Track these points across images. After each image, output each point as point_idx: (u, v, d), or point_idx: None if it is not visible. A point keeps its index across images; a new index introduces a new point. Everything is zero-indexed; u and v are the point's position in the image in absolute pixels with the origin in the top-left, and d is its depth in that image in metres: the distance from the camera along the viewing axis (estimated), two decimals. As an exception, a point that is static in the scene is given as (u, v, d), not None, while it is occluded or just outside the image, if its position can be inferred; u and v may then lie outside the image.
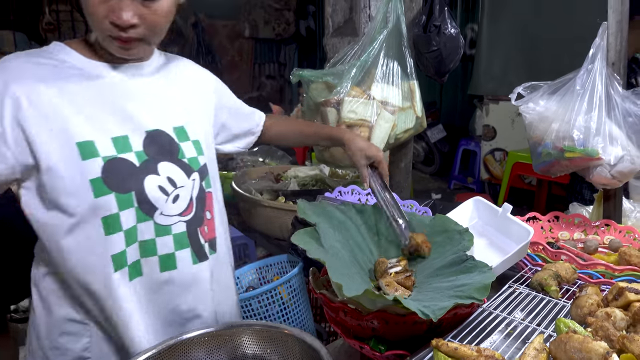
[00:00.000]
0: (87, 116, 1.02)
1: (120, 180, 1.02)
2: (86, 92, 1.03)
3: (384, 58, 1.85)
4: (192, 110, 1.18)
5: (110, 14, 0.95)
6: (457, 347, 0.89)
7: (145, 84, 1.11)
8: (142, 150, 1.05)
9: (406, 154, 2.18)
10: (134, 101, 1.08)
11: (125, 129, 1.05)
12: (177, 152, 1.11)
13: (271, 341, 1.03)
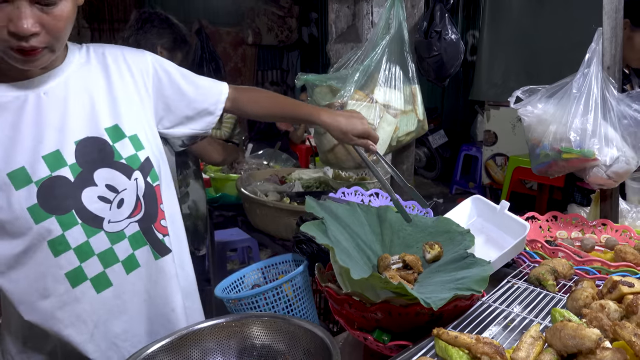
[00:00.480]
0: (10, 143, 0.98)
1: (57, 201, 1.00)
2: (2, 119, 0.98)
3: (386, 63, 1.90)
4: (123, 103, 1.11)
5: (9, 24, 0.88)
6: (457, 336, 0.93)
7: (63, 92, 1.04)
8: (75, 163, 1.02)
9: (408, 156, 2.23)
10: (54, 113, 1.02)
11: (55, 144, 1.01)
12: (112, 155, 1.07)
13: (279, 332, 1.07)
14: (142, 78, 1.17)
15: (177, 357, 1.01)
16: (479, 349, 0.87)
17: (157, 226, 1.14)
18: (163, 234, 1.15)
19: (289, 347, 1.05)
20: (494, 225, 1.44)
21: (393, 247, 1.33)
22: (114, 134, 1.08)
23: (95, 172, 1.05)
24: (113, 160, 1.07)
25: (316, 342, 1.01)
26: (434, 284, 1.15)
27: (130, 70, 1.15)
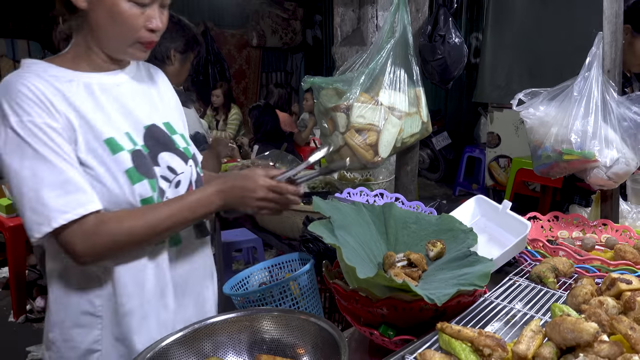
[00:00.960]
0: (100, 116, 1.10)
1: (146, 168, 1.13)
2: (88, 96, 1.10)
3: (391, 66, 1.94)
4: (171, 109, 1.29)
5: (147, 22, 1.10)
6: (460, 330, 0.97)
7: (130, 85, 1.20)
8: (144, 144, 1.15)
9: (412, 157, 2.27)
10: (126, 101, 1.16)
11: (127, 126, 1.14)
12: (172, 143, 1.22)
13: (287, 326, 1.11)
14: (174, 97, 1.35)
15: (190, 349, 1.05)
16: (481, 342, 0.91)
17: None
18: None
19: (297, 340, 1.09)
20: (496, 224, 1.48)
21: (398, 245, 1.37)
22: (169, 128, 1.24)
23: (160, 155, 1.18)
24: (174, 147, 1.22)
25: (324, 336, 1.05)
26: (438, 281, 1.19)
27: (169, 88, 1.34)
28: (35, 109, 1.01)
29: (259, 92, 8.07)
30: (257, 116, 4.70)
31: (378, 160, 1.91)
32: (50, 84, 1.05)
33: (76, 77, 1.10)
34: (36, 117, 1.01)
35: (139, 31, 1.10)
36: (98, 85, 1.13)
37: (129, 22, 1.08)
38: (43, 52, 6.12)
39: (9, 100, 1.01)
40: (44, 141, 1.01)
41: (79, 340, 1.14)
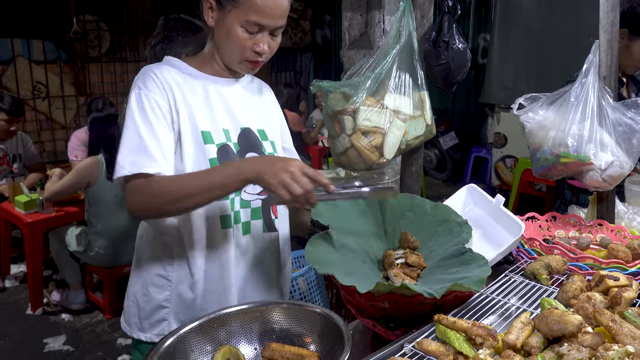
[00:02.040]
0: (205, 111, 1.34)
1: (227, 161, 1.32)
2: (203, 93, 1.36)
3: (396, 70, 2.01)
4: (268, 119, 1.51)
5: (254, 46, 1.29)
6: (455, 321, 1.05)
7: (240, 93, 1.44)
8: (236, 143, 1.38)
9: (417, 158, 2.34)
10: (233, 104, 1.40)
11: (228, 124, 1.38)
12: (260, 147, 1.43)
13: (296, 317, 1.20)
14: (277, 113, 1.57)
15: (206, 337, 1.13)
16: (474, 332, 0.99)
17: (273, 208, 1.45)
18: (275, 216, 1.46)
19: (305, 330, 1.18)
20: (490, 217, 1.54)
21: (396, 236, 1.45)
22: (261, 134, 1.45)
23: (247, 154, 1.38)
24: (260, 150, 1.42)
25: (329, 326, 1.13)
26: (436, 281, 1.26)
27: (273, 104, 1.57)
28: (153, 88, 1.27)
29: (268, 92, 8.16)
30: None
31: (383, 162, 1.98)
32: (176, 75, 1.32)
33: (199, 77, 1.37)
34: (150, 93, 1.27)
35: (246, 52, 1.30)
36: (213, 87, 1.38)
37: (239, 44, 1.29)
38: (57, 52, 6.25)
39: (142, 77, 1.30)
40: (146, 111, 1.25)
41: (153, 296, 1.38)
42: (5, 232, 3.73)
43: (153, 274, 1.39)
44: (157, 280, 1.38)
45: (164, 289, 1.38)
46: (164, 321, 1.39)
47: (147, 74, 1.30)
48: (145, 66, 1.35)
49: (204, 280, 1.36)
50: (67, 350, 3.06)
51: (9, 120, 3.64)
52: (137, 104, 1.26)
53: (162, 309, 1.38)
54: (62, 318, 3.41)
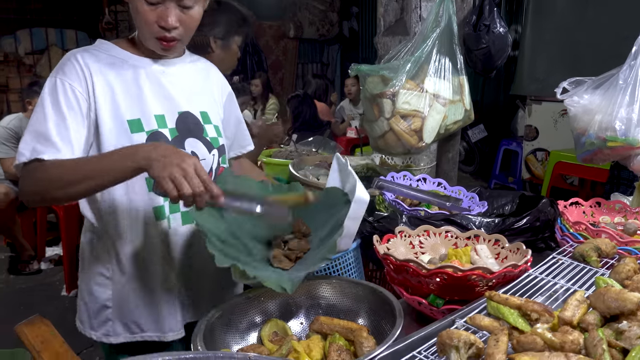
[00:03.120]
0: (134, 97, 1.26)
1: None
2: (133, 78, 1.27)
3: (436, 54, 2.00)
4: (211, 101, 1.43)
5: (159, 19, 1.18)
6: (507, 298, 1.04)
7: (178, 75, 1.35)
8: (174, 127, 1.30)
9: (453, 145, 2.32)
10: (169, 87, 1.32)
11: (163, 109, 1.29)
12: (201, 131, 1.35)
13: (343, 292, 1.20)
14: (222, 94, 1.49)
15: (257, 308, 1.15)
16: (529, 307, 0.98)
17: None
18: None
19: (353, 305, 1.18)
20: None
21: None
22: (204, 117, 1.37)
23: (187, 140, 1.32)
24: (202, 135, 1.35)
25: (378, 301, 1.13)
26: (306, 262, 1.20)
27: (218, 84, 1.48)
28: (71, 73, 1.20)
29: (295, 83, 8.18)
30: (296, 105, 4.81)
31: (422, 146, 1.97)
32: (103, 60, 1.24)
33: (130, 59, 1.28)
34: (66, 79, 1.19)
35: (152, 27, 1.19)
36: (146, 70, 1.29)
37: (143, 18, 1.18)
38: (90, 41, 6.35)
39: (62, 62, 1.22)
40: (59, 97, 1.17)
41: (97, 296, 1.34)
42: (42, 216, 3.82)
43: (95, 272, 1.34)
44: (99, 279, 1.34)
45: (106, 287, 1.33)
46: (109, 321, 1.34)
47: (69, 59, 1.22)
48: (70, 51, 1.26)
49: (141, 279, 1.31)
50: (101, 330, 3.12)
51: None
52: (49, 90, 1.19)
53: (107, 309, 1.34)
54: (95, 300, 3.48)
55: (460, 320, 1.04)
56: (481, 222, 1.62)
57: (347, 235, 1.21)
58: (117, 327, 1.34)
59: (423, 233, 1.49)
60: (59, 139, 1.15)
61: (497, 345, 0.89)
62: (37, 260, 3.94)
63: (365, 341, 1.01)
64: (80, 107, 1.19)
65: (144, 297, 1.33)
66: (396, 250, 1.40)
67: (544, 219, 1.64)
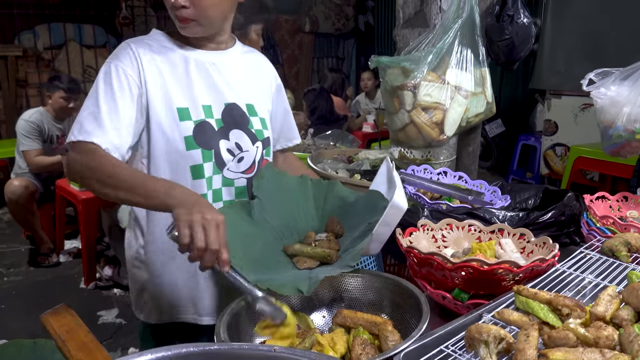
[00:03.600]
0: (183, 86, 1.29)
1: (205, 139, 1.29)
2: (183, 68, 1.31)
3: (458, 45, 1.96)
4: (260, 94, 1.44)
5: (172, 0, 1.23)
6: (537, 292, 1.01)
7: (227, 66, 1.37)
8: (220, 118, 1.32)
9: (474, 138, 2.28)
10: (217, 79, 1.34)
11: (210, 100, 1.32)
12: (247, 123, 1.37)
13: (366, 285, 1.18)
14: (272, 86, 1.50)
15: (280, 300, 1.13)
16: (560, 302, 0.95)
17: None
18: None
19: (376, 298, 1.16)
20: None
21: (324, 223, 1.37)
22: (250, 109, 1.39)
23: (231, 131, 1.34)
24: (247, 127, 1.37)
25: (402, 295, 1.11)
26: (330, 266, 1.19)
27: (269, 77, 1.49)
28: (125, 59, 1.24)
29: (310, 78, 8.15)
30: (313, 99, 4.79)
31: (443, 139, 1.94)
32: (156, 49, 1.28)
33: (180, 50, 1.32)
34: (120, 64, 1.23)
35: (169, 9, 1.24)
36: (196, 60, 1.32)
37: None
38: (107, 36, 6.39)
39: (117, 50, 1.28)
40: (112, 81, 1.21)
41: (137, 278, 1.39)
42: (61, 209, 3.86)
43: (135, 256, 1.39)
44: (138, 262, 1.39)
45: (144, 270, 1.38)
46: (148, 303, 1.39)
47: (123, 47, 1.27)
48: (125, 40, 1.30)
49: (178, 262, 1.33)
50: (119, 323, 3.15)
51: (67, 97, 3.79)
52: (103, 75, 1.23)
53: (145, 291, 1.39)
54: (114, 292, 3.51)
55: (487, 315, 1.02)
56: (505, 216, 1.59)
57: (377, 240, 1.21)
58: (156, 309, 1.38)
59: (446, 227, 1.47)
60: (109, 122, 1.18)
61: (527, 340, 0.86)
62: (56, 253, 3.98)
63: (391, 335, 0.99)
64: (131, 91, 1.22)
65: (182, 280, 1.36)
66: (418, 243, 1.37)
67: (570, 213, 1.60)
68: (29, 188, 3.80)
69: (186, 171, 1.29)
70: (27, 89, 5.95)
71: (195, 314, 1.38)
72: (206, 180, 1.30)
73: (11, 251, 4.18)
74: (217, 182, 1.33)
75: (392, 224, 1.20)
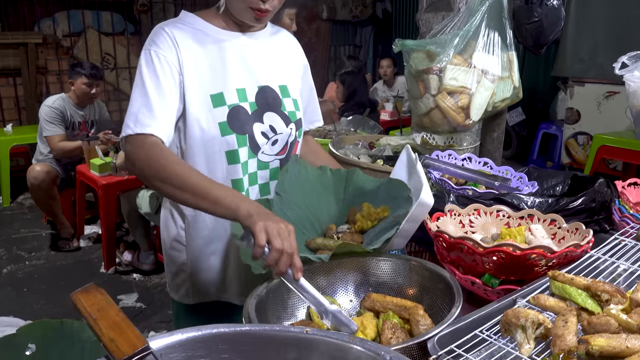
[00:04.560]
0: (217, 71, 1.27)
1: (239, 124, 1.28)
2: (216, 51, 1.28)
3: (485, 28, 1.91)
4: (291, 74, 1.42)
5: None
6: (573, 278, 0.98)
7: (259, 47, 1.35)
8: (254, 102, 1.31)
9: (499, 124, 2.24)
10: (251, 61, 1.32)
11: (244, 83, 1.30)
12: (279, 106, 1.35)
13: (394, 270, 1.16)
14: (300, 65, 1.48)
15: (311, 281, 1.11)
16: (599, 287, 0.92)
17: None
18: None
19: (405, 282, 1.14)
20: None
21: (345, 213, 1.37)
22: (283, 91, 1.37)
23: (265, 114, 1.32)
24: (280, 109, 1.35)
25: (432, 279, 1.09)
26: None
27: (297, 56, 1.47)
28: (163, 45, 1.22)
29: (327, 65, 8.09)
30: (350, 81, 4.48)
31: (469, 124, 1.90)
32: (188, 33, 1.26)
33: (213, 32, 1.29)
34: (160, 50, 1.22)
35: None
36: (229, 43, 1.29)
37: None
38: (125, 23, 6.40)
39: (153, 35, 1.25)
40: (156, 69, 1.20)
41: (174, 260, 1.41)
42: (81, 194, 3.89)
43: (172, 237, 1.40)
44: (175, 244, 1.40)
45: (181, 252, 1.39)
46: (185, 283, 1.41)
47: (159, 32, 1.25)
48: (158, 24, 1.28)
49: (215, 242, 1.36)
50: (139, 307, 3.18)
51: (89, 84, 3.81)
52: (145, 63, 1.21)
53: (183, 272, 1.40)
54: (133, 277, 3.54)
55: (522, 300, 0.99)
56: (534, 201, 1.55)
57: (403, 236, 1.20)
58: (192, 289, 1.40)
59: (473, 212, 1.44)
60: (160, 112, 1.18)
61: (566, 326, 0.84)
62: (77, 237, 4.02)
63: (422, 319, 0.97)
64: (174, 78, 1.21)
65: (218, 260, 1.38)
66: (446, 228, 1.34)
67: (600, 199, 1.56)
68: (50, 173, 3.83)
69: (222, 157, 1.29)
70: (47, 76, 5.99)
71: (230, 294, 1.41)
72: (242, 165, 1.30)
73: (32, 236, 4.23)
74: (253, 166, 1.33)
75: (418, 220, 1.20)
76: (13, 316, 2.93)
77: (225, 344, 0.76)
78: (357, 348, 0.72)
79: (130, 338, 0.68)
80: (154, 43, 1.22)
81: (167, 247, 1.42)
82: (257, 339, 0.77)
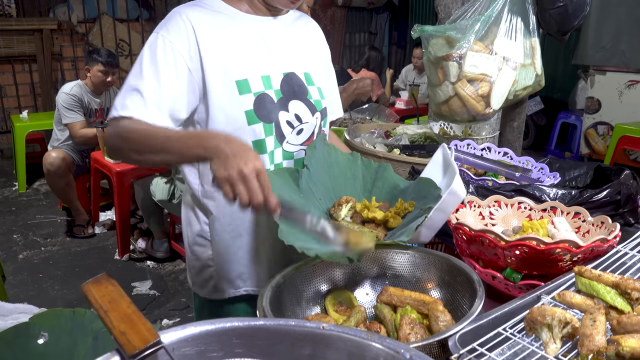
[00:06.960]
0: (241, 56, 1.21)
1: (265, 112, 1.22)
2: (240, 36, 1.23)
3: (508, 13, 1.85)
4: (315, 61, 1.37)
5: None
6: (600, 274, 0.94)
7: (283, 32, 1.30)
8: (279, 89, 1.25)
9: (520, 113, 2.18)
10: (275, 47, 1.27)
11: (269, 70, 1.24)
12: (305, 94, 1.30)
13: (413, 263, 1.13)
14: (324, 52, 1.43)
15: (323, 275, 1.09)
16: (629, 285, 0.88)
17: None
18: None
19: (423, 276, 1.11)
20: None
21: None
22: (307, 78, 1.32)
23: (290, 102, 1.27)
24: (305, 97, 1.30)
25: (452, 273, 1.05)
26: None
27: (320, 42, 1.42)
28: (174, 31, 1.16)
29: (342, 53, 8.01)
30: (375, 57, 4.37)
31: (489, 113, 1.85)
32: (209, 16, 1.19)
33: (236, 16, 1.23)
34: (169, 36, 1.15)
35: None
36: (253, 27, 1.24)
37: None
38: (139, 10, 6.38)
39: (168, 18, 1.19)
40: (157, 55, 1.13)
41: (198, 256, 1.35)
42: (96, 181, 3.90)
43: (195, 233, 1.34)
44: (199, 239, 1.34)
45: (206, 247, 1.33)
46: (211, 279, 1.35)
47: (174, 16, 1.18)
48: (177, 7, 1.21)
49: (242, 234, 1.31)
50: (153, 294, 3.18)
51: (105, 71, 3.80)
52: (149, 46, 1.15)
53: (209, 268, 1.35)
54: (147, 264, 3.55)
55: (546, 297, 0.96)
56: (556, 193, 1.50)
57: (431, 227, 1.16)
58: (220, 284, 1.35)
59: (494, 203, 1.39)
60: (150, 98, 1.11)
61: (594, 325, 0.80)
62: (92, 224, 4.05)
63: (442, 315, 0.94)
64: (176, 67, 1.14)
65: (245, 252, 1.32)
66: (465, 220, 1.30)
67: (626, 192, 1.51)
68: (66, 160, 3.84)
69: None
70: (62, 62, 6.01)
71: (255, 286, 1.35)
72: (268, 155, 1.25)
73: (48, 222, 4.26)
74: (279, 156, 1.28)
75: (448, 211, 1.15)
76: (28, 302, 2.95)
77: (239, 338, 0.73)
78: (376, 345, 0.69)
79: (141, 331, 0.66)
80: (165, 27, 1.16)
81: (191, 242, 1.37)
82: (272, 334, 0.75)
